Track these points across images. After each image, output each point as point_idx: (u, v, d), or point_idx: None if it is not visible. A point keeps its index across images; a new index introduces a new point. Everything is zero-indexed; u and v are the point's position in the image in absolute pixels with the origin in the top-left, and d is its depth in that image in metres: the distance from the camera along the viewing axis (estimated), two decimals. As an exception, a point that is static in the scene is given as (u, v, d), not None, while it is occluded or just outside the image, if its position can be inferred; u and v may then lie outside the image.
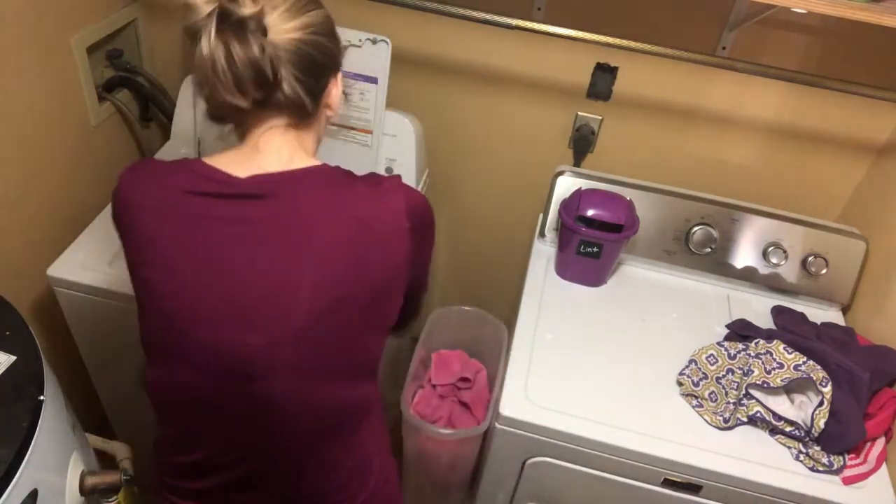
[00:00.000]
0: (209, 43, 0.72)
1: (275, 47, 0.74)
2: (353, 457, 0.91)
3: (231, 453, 0.86)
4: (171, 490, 0.94)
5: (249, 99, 0.76)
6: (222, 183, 0.78)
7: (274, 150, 0.81)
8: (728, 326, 1.35)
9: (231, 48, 0.72)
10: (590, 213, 1.35)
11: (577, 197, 1.39)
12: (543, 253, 1.49)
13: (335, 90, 0.86)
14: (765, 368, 1.18)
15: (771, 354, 1.20)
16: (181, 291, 0.77)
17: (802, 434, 1.14)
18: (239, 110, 0.78)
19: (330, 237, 0.77)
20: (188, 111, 1.54)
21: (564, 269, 1.43)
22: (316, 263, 0.76)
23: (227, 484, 0.89)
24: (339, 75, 0.86)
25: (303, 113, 0.81)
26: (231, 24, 0.71)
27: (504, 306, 1.88)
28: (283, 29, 0.75)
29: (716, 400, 1.21)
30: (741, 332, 1.32)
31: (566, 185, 1.46)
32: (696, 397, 1.21)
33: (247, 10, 0.72)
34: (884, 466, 1.15)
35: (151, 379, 0.86)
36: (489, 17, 1.34)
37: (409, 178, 1.53)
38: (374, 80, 1.41)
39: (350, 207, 0.79)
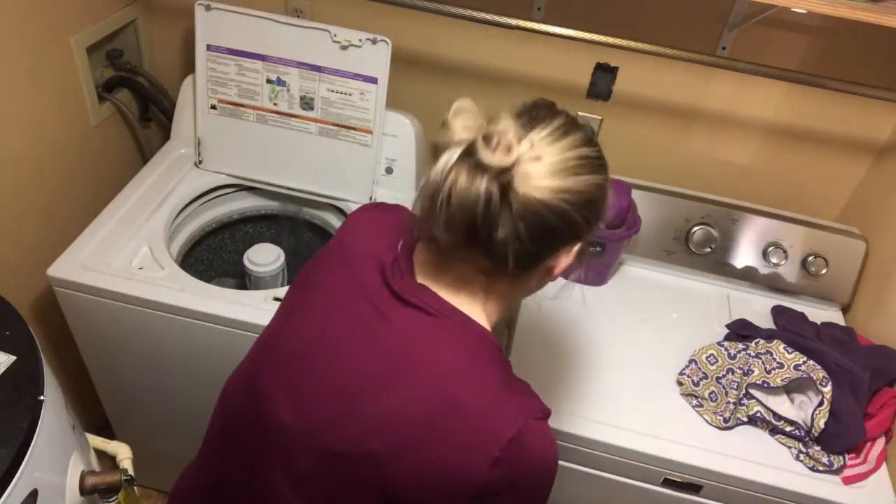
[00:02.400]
0: (444, 169, 0.64)
1: (517, 201, 0.64)
2: None
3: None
4: None
5: (455, 239, 0.67)
6: (396, 283, 0.73)
7: (461, 286, 0.73)
8: (728, 326, 1.35)
9: (455, 185, 0.63)
10: None
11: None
12: (543, 253, 1.49)
13: (564, 259, 0.73)
14: (765, 368, 1.18)
15: (771, 354, 1.20)
16: (284, 347, 0.81)
17: (802, 434, 1.14)
18: (442, 246, 0.70)
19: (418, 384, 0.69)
20: (188, 111, 1.54)
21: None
22: (390, 401, 0.69)
23: None
24: (578, 246, 0.73)
25: (500, 269, 0.69)
26: (474, 164, 0.63)
27: (504, 306, 1.88)
28: (535, 185, 0.64)
29: (716, 400, 1.21)
30: (741, 331, 1.32)
31: (566, 185, 1.46)
32: (697, 397, 1.21)
33: (495, 159, 0.62)
34: (884, 466, 1.15)
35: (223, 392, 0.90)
36: (489, 17, 1.34)
37: (409, 178, 1.53)
38: (374, 80, 1.41)
39: (452, 380, 0.68)
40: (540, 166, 0.64)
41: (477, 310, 0.74)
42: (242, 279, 1.54)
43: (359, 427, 0.69)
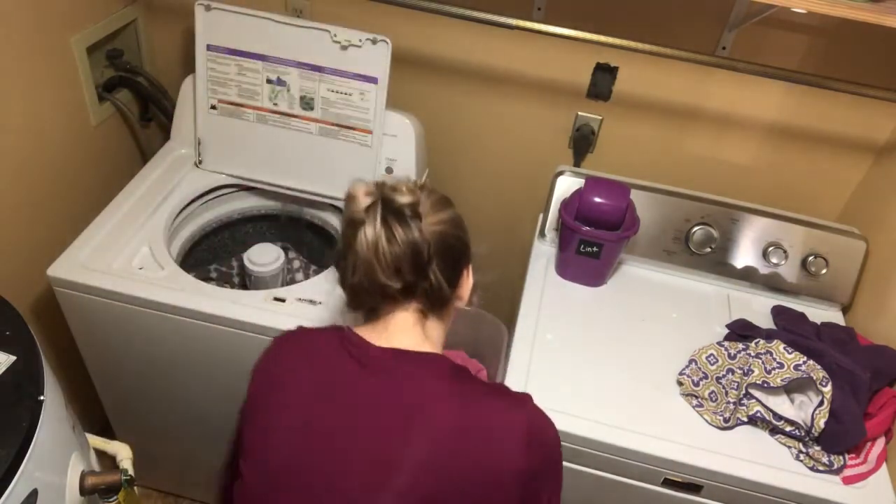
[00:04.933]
0: (374, 229, 0.79)
1: (427, 233, 0.81)
2: None
3: None
4: None
5: (403, 281, 0.80)
6: (361, 348, 0.83)
7: (404, 331, 0.85)
8: (728, 326, 1.35)
9: (394, 231, 0.78)
10: (595, 199, 1.34)
11: (579, 191, 1.39)
12: (543, 253, 1.49)
13: (467, 282, 0.90)
14: (765, 368, 1.18)
15: (771, 354, 1.20)
16: (292, 443, 0.80)
17: (802, 434, 1.14)
18: (384, 296, 0.82)
19: (436, 423, 0.77)
20: (188, 111, 1.54)
21: (564, 269, 1.43)
22: (417, 446, 0.76)
23: None
24: (470, 268, 0.91)
25: (440, 300, 0.85)
26: (393, 211, 0.79)
27: (504, 306, 1.88)
28: (431, 220, 0.82)
29: (716, 400, 1.21)
30: (741, 331, 1.32)
31: (566, 185, 1.46)
32: (697, 397, 1.21)
33: (406, 198, 0.81)
34: (884, 466, 1.15)
35: None
36: (489, 17, 1.34)
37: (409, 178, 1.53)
38: (374, 80, 1.41)
39: (465, 402, 0.79)
40: (426, 207, 0.83)
41: (428, 344, 0.86)
42: (242, 279, 1.54)
43: (405, 477, 0.76)
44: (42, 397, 0.86)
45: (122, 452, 1.14)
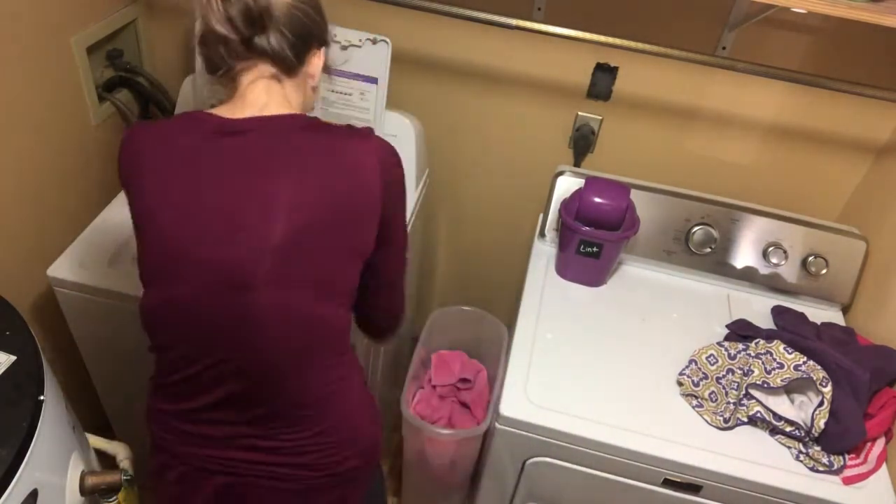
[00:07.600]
0: None
1: (269, 3, 0.88)
2: (328, 380, 0.96)
3: (219, 367, 0.91)
4: (160, 421, 1.01)
5: (237, 32, 0.88)
6: (215, 124, 0.90)
7: (259, 98, 0.91)
8: (728, 326, 1.35)
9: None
10: (595, 199, 1.35)
11: (579, 191, 1.39)
12: (543, 253, 1.49)
13: (317, 61, 0.97)
14: (765, 368, 1.18)
15: (771, 354, 1.20)
16: (176, 214, 0.86)
17: (802, 434, 1.14)
18: (229, 51, 0.90)
19: (305, 166, 0.88)
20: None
21: (564, 269, 1.43)
22: (291, 187, 0.86)
23: (211, 402, 0.94)
24: (324, 51, 0.97)
25: (286, 65, 0.92)
26: None
27: (504, 306, 1.88)
28: None
29: (716, 400, 1.21)
30: (741, 332, 1.32)
31: (566, 185, 1.46)
32: (697, 397, 1.21)
33: None
34: (884, 466, 1.15)
35: (148, 302, 0.92)
36: (489, 17, 1.34)
37: (410, 179, 1.52)
38: (374, 81, 1.41)
39: (325, 144, 0.90)
40: None
41: (289, 108, 0.94)
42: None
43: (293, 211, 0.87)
44: (42, 397, 0.87)
45: (122, 452, 1.15)
